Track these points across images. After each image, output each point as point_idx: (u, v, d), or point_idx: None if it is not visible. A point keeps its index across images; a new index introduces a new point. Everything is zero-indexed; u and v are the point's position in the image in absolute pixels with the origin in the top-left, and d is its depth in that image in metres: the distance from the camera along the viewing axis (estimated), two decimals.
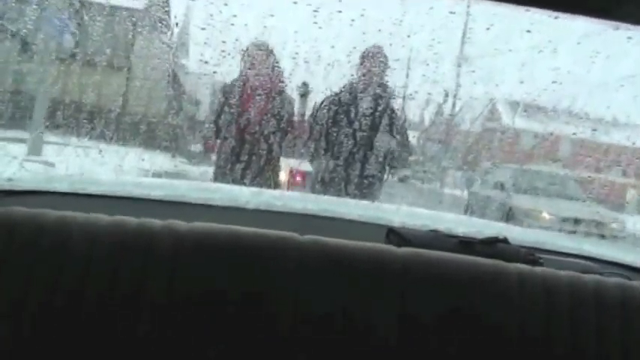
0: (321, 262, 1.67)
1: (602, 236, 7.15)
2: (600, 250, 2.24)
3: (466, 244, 1.89)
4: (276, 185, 3.63)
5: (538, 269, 1.77)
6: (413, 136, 6.44)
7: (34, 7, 2.95)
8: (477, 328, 1.65)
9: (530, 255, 1.92)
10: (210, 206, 2.22)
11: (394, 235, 1.93)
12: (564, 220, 7.27)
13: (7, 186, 2.06)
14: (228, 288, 1.63)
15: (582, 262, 2.05)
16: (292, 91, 3.64)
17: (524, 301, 1.67)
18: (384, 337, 1.63)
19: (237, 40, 3.36)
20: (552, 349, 1.65)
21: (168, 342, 1.59)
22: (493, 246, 1.90)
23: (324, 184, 3.43)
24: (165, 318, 1.59)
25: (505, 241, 1.93)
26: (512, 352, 1.64)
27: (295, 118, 3.62)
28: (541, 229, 6.56)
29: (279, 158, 3.61)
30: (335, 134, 3.39)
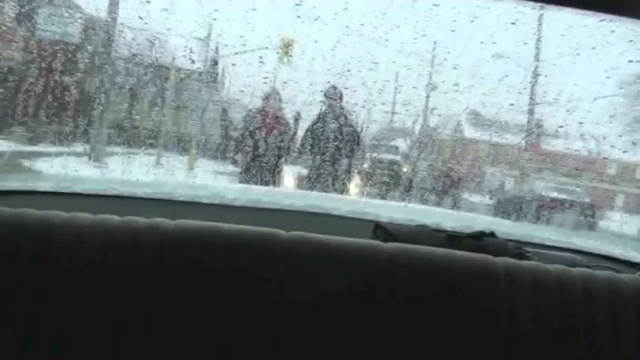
0: (307, 258, 1.66)
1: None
2: (588, 244, 2.24)
3: (453, 239, 1.88)
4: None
5: (526, 263, 1.76)
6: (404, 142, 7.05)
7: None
8: (465, 314, 1.64)
9: (518, 249, 1.91)
10: (196, 204, 2.20)
11: (381, 230, 1.92)
12: None
13: None
14: (213, 284, 1.61)
15: (570, 255, 2.04)
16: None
17: (512, 295, 1.66)
18: (370, 325, 1.62)
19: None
20: (541, 341, 1.64)
21: (155, 338, 1.57)
22: (481, 240, 1.89)
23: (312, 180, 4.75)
24: (151, 315, 1.57)
25: (492, 235, 1.92)
26: (502, 342, 1.63)
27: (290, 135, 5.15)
28: None
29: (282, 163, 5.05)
30: (319, 145, 4.88)
